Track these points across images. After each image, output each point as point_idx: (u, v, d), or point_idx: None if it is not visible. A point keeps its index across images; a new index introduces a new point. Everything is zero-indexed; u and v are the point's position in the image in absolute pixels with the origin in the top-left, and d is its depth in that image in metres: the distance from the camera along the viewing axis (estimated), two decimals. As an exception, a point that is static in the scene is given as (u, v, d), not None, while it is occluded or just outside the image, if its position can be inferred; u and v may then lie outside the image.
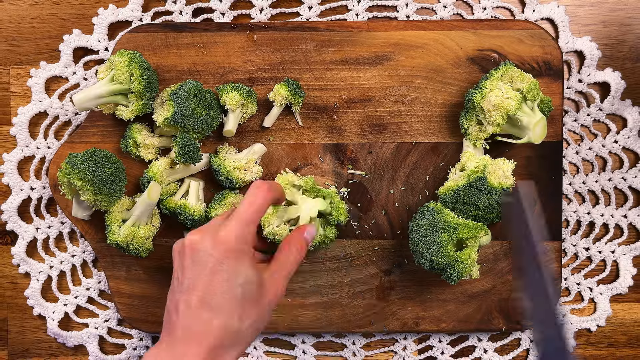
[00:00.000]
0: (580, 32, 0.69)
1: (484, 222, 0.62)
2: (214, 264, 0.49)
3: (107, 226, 0.64)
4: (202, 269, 0.49)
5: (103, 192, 0.61)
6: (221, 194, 0.66)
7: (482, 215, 0.61)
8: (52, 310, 0.71)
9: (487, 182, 0.60)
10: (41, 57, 0.70)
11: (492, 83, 0.61)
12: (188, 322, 0.48)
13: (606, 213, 0.69)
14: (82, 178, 0.59)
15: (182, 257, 0.51)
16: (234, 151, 0.67)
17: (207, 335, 0.48)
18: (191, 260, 0.50)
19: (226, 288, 0.49)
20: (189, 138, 0.62)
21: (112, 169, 0.61)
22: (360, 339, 0.71)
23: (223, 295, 0.49)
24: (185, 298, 0.49)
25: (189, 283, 0.49)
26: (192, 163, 0.64)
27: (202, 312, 0.48)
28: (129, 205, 0.65)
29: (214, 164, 0.65)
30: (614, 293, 0.69)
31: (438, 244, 0.59)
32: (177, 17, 0.69)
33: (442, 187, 0.64)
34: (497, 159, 0.62)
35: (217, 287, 0.49)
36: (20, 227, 0.70)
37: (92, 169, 0.60)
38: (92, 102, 0.62)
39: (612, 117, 0.69)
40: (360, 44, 0.66)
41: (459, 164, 0.64)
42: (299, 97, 0.65)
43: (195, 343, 0.47)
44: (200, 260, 0.49)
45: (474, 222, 0.60)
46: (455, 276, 0.59)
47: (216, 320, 0.48)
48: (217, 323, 0.48)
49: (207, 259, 0.49)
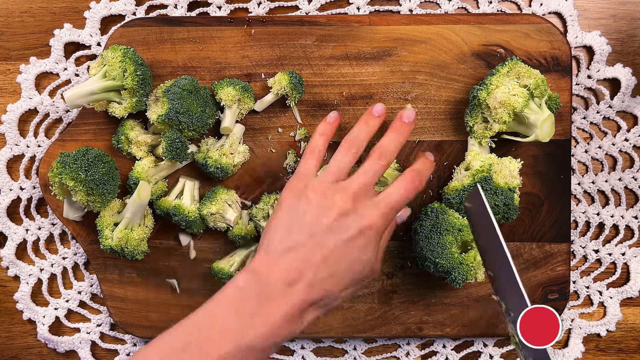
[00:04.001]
0: (590, 27, 0.67)
1: None
2: (354, 235, 0.49)
3: (99, 231, 0.63)
4: (341, 232, 0.49)
5: (96, 193, 0.59)
6: (213, 190, 0.65)
7: None
8: (42, 314, 0.70)
9: (493, 182, 0.59)
10: (31, 53, 0.69)
11: (498, 79, 0.60)
12: (297, 267, 0.48)
13: (616, 214, 0.68)
14: (74, 178, 0.58)
15: (328, 209, 0.51)
16: (214, 140, 0.65)
17: (311, 291, 0.48)
18: (336, 220, 0.50)
19: (349, 264, 0.49)
20: (179, 135, 0.61)
21: (105, 168, 0.60)
22: (361, 345, 0.70)
23: (345, 269, 0.49)
24: (314, 246, 0.49)
25: (323, 234, 0.50)
26: (179, 161, 0.63)
27: (320, 270, 0.48)
28: (120, 207, 0.64)
29: (199, 159, 0.64)
30: (624, 297, 0.68)
31: (442, 246, 0.58)
32: (171, 11, 0.68)
33: (447, 187, 0.62)
34: (503, 158, 0.61)
35: (345, 258, 0.49)
36: (10, 228, 0.69)
37: (85, 168, 0.59)
38: (83, 99, 0.62)
39: (623, 114, 0.68)
40: (362, 39, 0.65)
41: (463, 163, 0.63)
42: (297, 92, 0.64)
43: (294, 292, 0.47)
44: (341, 226, 0.50)
45: None
46: (460, 279, 0.58)
47: (327, 285, 0.48)
48: (325, 287, 0.48)
49: (350, 226, 0.50)
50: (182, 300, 0.67)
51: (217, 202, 0.63)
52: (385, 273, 0.66)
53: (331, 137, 0.59)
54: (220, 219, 0.64)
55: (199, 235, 0.67)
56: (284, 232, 0.50)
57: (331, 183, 0.52)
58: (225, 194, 0.64)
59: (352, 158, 0.55)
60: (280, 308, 0.46)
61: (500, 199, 0.59)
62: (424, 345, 0.69)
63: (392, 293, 0.67)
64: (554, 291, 0.66)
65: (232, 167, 0.64)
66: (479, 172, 0.60)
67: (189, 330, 0.46)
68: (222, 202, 0.64)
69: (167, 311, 0.67)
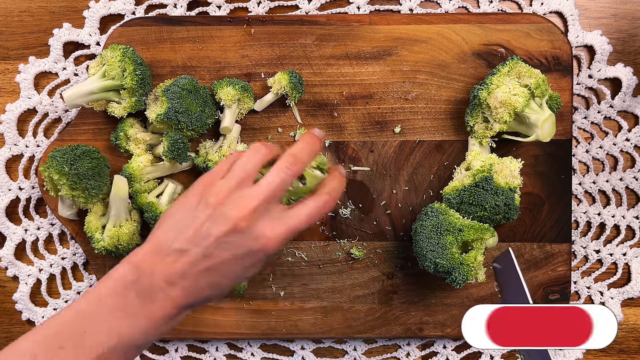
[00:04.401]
0: (591, 26, 0.67)
1: (490, 223, 0.60)
2: (242, 254, 0.48)
3: (90, 237, 0.63)
4: (230, 249, 0.47)
5: (79, 187, 0.59)
6: None
7: (489, 216, 0.60)
8: (41, 315, 0.69)
9: (493, 181, 0.59)
10: (30, 52, 0.68)
11: (499, 79, 0.59)
12: (181, 271, 0.47)
13: (617, 214, 0.67)
14: (59, 171, 0.58)
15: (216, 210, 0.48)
16: (212, 143, 0.65)
17: (190, 295, 0.47)
18: (229, 229, 0.47)
19: (233, 278, 0.49)
20: (181, 136, 0.61)
21: (92, 164, 0.60)
22: (361, 345, 0.69)
23: (228, 281, 0.49)
24: (195, 250, 0.47)
25: (204, 236, 0.47)
26: (179, 162, 0.63)
27: (202, 279, 0.47)
28: (104, 210, 0.64)
29: (199, 163, 0.64)
30: (625, 297, 0.68)
31: (443, 246, 0.58)
32: (171, 10, 0.68)
33: (447, 187, 0.62)
34: (503, 157, 0.61)
35: (229, 272, 0.48)
36: (8, 228, 0.69)
37: (70, 162, 0.59)
38: (83, 99, 0.61)
39: (624, 114, 0.67)
40: (362, 39, 0.64)
41: (464, 163, 0.62)
42: (297, 91, 0.63)
43: (175, 293, 0.47)
44: (232, 242, 0.47)
45: (480, 224, 0.59)
46: (461, 279, 0.58)
47: (206, 292, 0.48)
48: (204, 294, 0.48)
49: (241, 245, 0.47)
50: (181, 301, 0.67)
51: None
52: (385, 273, 0.66)
53: (269, 158, 0.51)
54: None
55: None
56: (175, 232, 0.48)
57: (234, 189, 0.48)
58: None
59: (260, 160, 0.50)
60: (162, 308, 0.47)
61: (501, 199, 0.59)
62: (425, 345, 0.69)
63: (392, 293, 0.66)
64: (555, 291, 0.66)
65: None
66: (479, 172, 0.59)
67: (71, 323, 0.46)
68: None
69: (166, 312, 0.67)
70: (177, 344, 0.70)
